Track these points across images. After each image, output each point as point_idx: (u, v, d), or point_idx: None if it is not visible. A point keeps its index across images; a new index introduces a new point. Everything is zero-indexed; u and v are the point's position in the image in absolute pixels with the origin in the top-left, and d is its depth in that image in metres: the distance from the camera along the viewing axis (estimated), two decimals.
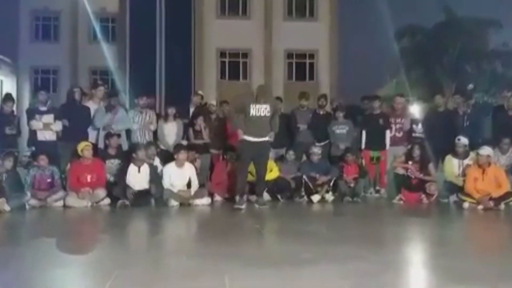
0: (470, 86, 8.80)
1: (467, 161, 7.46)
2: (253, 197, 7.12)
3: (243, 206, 6.64)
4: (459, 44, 25.77)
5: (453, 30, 25.50)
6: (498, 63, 26.59)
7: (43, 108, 7.74)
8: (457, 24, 25.59)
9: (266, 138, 6.79)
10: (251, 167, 7.01)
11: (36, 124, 7.64)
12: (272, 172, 7.53)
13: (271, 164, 7.40)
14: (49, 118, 7.66)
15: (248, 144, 6.76)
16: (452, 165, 7.56)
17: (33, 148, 7.59)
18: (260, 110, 6.75)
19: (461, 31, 25.36)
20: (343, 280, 3.26)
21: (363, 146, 8.42)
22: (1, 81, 21.17)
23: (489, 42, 26.32)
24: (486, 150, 7.01)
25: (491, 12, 25.02)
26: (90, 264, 3.83)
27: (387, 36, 24.84)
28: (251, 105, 6.76)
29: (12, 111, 7.97)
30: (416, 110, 9.32)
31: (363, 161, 8.36)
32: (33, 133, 7.73)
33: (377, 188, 8.39)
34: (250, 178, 7.13)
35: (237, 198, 6.78)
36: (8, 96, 8.33)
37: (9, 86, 24.41)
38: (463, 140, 7.49)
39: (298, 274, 3.40)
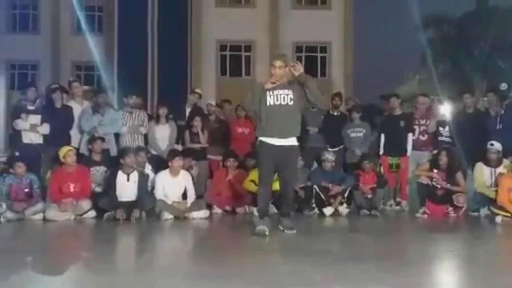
0: (504, 85, 8.72)
1: (500, 170, 7.45)
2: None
3: (267, 231, 5.60)
4: (491, 36, 25.75)
5: (484, 20, 25.49)
6: None
7: (31, 107, 7.73)
8: (489, 13, 25.58)
9: (294, 141, 5.82)
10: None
11: (23, 124, 7.63)
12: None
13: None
14: (36, 118, 7.67)
15: (268, 149, 5.72)
16: (483, 174, 7.55)
17: (17, 153, 7.57)
18: (279, 97, 5.67)
19: (493, 21, 25.36)
20: None
21: (381, 151, 8.41)
22: None
23: None
24: None
25: None
26: (71, 286, 3.83)
27: (409, 27, 24.87)
28: (268, 92, 5.68)
29: None
30: (442, 110, 9.30)
31: (382, 169, 8.36)
32: (17, 134, 7.71)
33: (398, 200, 8.37)
34: (275, 186, 6.49)
35: (256, 220, 5.88)
36: None
37: None
38: (496, 146, 7.48)
39: None
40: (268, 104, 5.68)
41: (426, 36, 25.65)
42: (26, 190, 7.16)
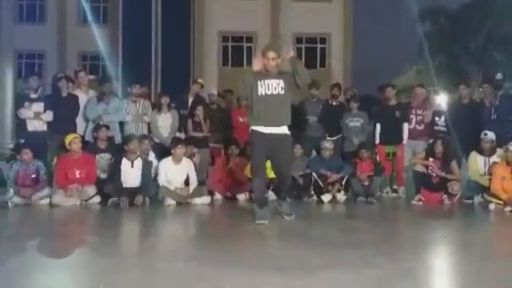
0: (499, 75, 8.67)
1: (493, 158, 7.44)
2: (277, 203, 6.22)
3: (267, 221, 5.60)
4: (486, 28, 25.63)
5: (480, 12, 25.36)
6: None
7: (34, 96, 7.69)
8: (485, 5, 25.43)
9: (285, 130, 5.71)
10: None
11: (26, 112, 7.61)
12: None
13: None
14: (39, 106, 7.64)
15: (260, 137, 5.64)
16: (477, 163, 7.54)
17: (22, 140, 7.55)
18: (271, 86, 5.60)
19: (489, 13, 25.21)
20: None
21: (377, 140, 8.41)
22: None
23: None
24: None
25: None
26: (77, 270, 3.84)
27: (407, 19, 24.75)
28: (258, 82, 5.60)
29: None
30: (438, 101, 9.28)
31: (378, 157, 8.36)
32: (22, 122, 7.68)
33: (394, 187, 8.38)
34: (272, 174, 6.48)
35: (256, 209, 5.75)
36: None
37: None
38: (490, 135, 7.45)
39: (306, 282, 3.40)
40: (259, 93, 5.61)
41: (423, 29, 25.54)
42: (33, 176, 7.16)
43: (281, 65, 5.72)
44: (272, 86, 5.60)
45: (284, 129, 5.73)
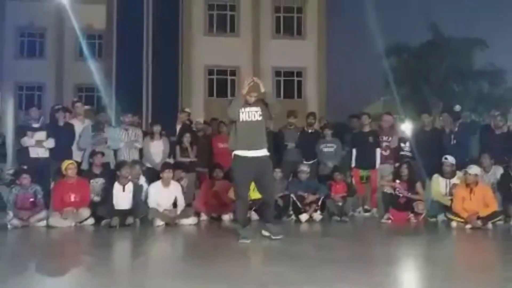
0: (457, 107, 8.87)
1: (454, 180, 7.52)
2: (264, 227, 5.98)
3: (249, 240, 5.55)
4: (445, 63, 26.18)
5: (439, 49, 25.92)
6: (485, 83, 27.01)
7: (36, 125, 7.65)
8: (443, 43, 26.03)
9: (265, 152, 5.73)
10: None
11: (28, 140, 7.55)
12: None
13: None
14: (41, 135, 7.58)
15: (243, 161, 5.63)
16: (439, 185, 7.60)
17: (25, 167, 7.45)
18: (251, 114, 5.70)
19: (447, 50, 25.79)
20: None
21: (353, 164, 8.45)
22: None
23: (475, 62, 26.77)
24: (474, 169, 7.06)
25: (477, 32, 25.54)
26: (73, 287, 3.76)
27: (374, 55, 25.21)
28: (240, 110, 5.70)
29: None
30: (404, 128, 9.39)
31: (353, 180, 8.40)
32: (24, 150, 7.62)
33: (366, 207, 8.40)
34: (255, 195, 6.49)
35: (239, 230, 5.71)
36: None
37: None
38: (450, 159, 7.55)
39: None
40: (241, 120, 5.68)
41: (389, 63, 25.98)
42: (31, 199, 7.04)
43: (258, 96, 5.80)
44: (252, 114, 5.70)
45: (264, 152, 5.75)
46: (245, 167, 5.62)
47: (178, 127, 9.00)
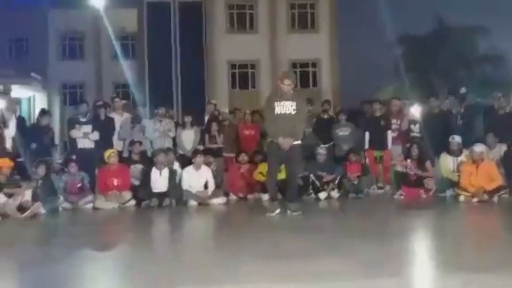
0: (463, 89, 8.67)
1: (461, 158, 7.40)
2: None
3: (275, 213, 5.73)
4: (450, 51, 25.60)
5: (444, 38, 25.37)
6: (488, 67, 26.37)
7: (83, 119, 7.79)
8: (447, 32, 25.47)
9: (295, 141, 5.81)
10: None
11: (77, 133, 7.70)
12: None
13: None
14: (88, 128, 7.72)
15: (276, 147, 5.78)
16: (447, 162, 7.50)
17: (74, 156, 7.60)
18: (285, 107, 5.77)
19: (451, 39, 25.22)
20: (348, 270, 3.25)
21: (366, 146, 8.38)
22: (34, 96, 21.34)
23: (478, 48, 26.11)
24: (479, 147, 6.95)
25: (479, 19, 24.86)
26: (119, 260, 3.86)
27: (383, 45, 24.78)
28: (276, 102, 5.79)
29: (48, 124, 8.07)
30: (414, 111, 9.25)
31: (367, 160, 8.33)
32: (73, 141, 7.78)
33: (379, 185, 8.34)
34: (280, 176, 6.53)
35: (268, 203, 5.99)
36: (45, 111, 8.47)
37: (40, 101, 24.63)
38: (457, 139, 7.43)
39: (306, 266, 3.39)
40: (276, 112, 5.79)
41: (398, 52, 25.56)
42: (79, 185, 7.19)
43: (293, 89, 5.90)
44: (286, 107, 5.78)
45: (295, 140, 5.82)
46: (277, 152, 5.79)
47: (206, 117, 9.04)
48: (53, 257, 3.96)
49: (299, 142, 5.90)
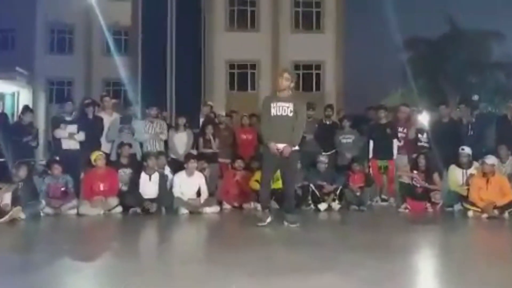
0: (475, 96, 8.73)
1: (471, 171, 7.40)
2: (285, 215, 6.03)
3: (266, 222, 5.75)
4: (462, 55, 25.70)
5: (456, 42, 25.47)
6: (501, 74, 26.47)
7: (69, 118, 7.76)
8: (460, 36, 25.57)
9: (294, 147, 5.81)
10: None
11: (61, 133, 7.67)
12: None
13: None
14: (73, 128, 7.70)
15: (270, 151, 5.76)
16: (456, 175, 7.50)
17: (57, 157, 7.58)
18: (281, 108, 5.71)
19: (464, 43, 25.33)
20: None
21: (370, 155, 8.37)
22: (18, 92, 21.35)
23: (492, 54, 26.22)
24: (491, 159, 6.95)
25: (493, 24, 24.97)
26: (103, 271, 3.83)
27: (392, 48, 24.85)
28: (272, 104, 5.72)
29: (31, 122, 8.03)
30: (421, 119, 9.26)
31: (371, 170, 8.33)
32: (57, 141, 7.74)
33: (383, 197, 8.33)
34: (277, 185, 6.65)
35: (260, 212, 5.94)
36: (27, 108, 8.41)
37: (25, 97, 24.62)
38: (467, 150, 7.43)
39: (302, 282, 3.38)
40: (272, 114, 5.73)
41: (406, 56, 25.64)
42: (62, 188, 7.15)
43: (293, 90, 5.89)
44: (283, 108, 5.72)
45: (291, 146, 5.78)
46: (271, 157, 5.75)
47: (201, 120, 9.04)
48: (32, 265, 3.94)
49: (296, 148, 5.88)
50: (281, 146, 5.75)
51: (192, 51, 22.15)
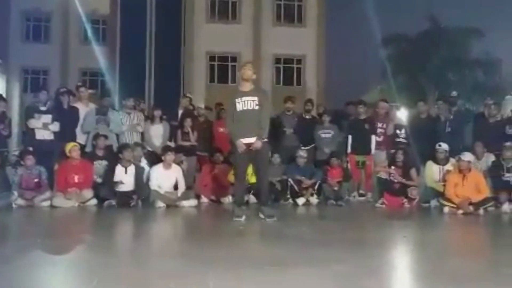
0: (454, 93, 8.83)
1: (447, 167, 7.51)
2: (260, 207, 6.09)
3: (243, 218, 5.76)
4: (442, 52, 26.07)
5: (436, 39, 25.80)
6: (480, 72, 26.94)
7: (43, 108, 7.61)
8: (440, 32, 25.91)
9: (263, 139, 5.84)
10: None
11: (35, 122, 7.52)
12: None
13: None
14: (47, 118, 7.55)
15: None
16: (433, 171, 7.60)
17: (30, 148, 7.43)
18: (247, 103, 5.78)
19: (444, 40, 25.68)
20: (324, 283, 3.25)
21: (349, 150, 8.43)
22: None
23: (471, 51, 26.65)
24: (467, 156, 7.05)
25: (473, 22, 25.37)
26: (75, 265, 3.77)
27: (372, 43, 25.09)
28: (236, 99, 5.78)
29: (4, 112, 7.85)
30: (399, 115, 9.36)
31: (349, 165, 8.39)
32: (31, 131, 7.59)
33: (361, 192, 8.41)
34: (253, 180, 6.70)
35: (236, 209, 5.91)
36: (0, 97, 8.21)
37: None
38: (444, 146, 7.54)
39: (280, 277, 3.38)
40: (238, 109, 5.79)
41: (386, 52, 25.88)
42: (36, 180, 7.04)
43: (255, 83, 5.95)
44: (248, 103, 5.78)
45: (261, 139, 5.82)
46: (244, 152, 5.77)
47: (180, 112, 8.97)
48: (2, 258, 3.85)
49: (265, 140, 5.91)
50: (251, 140, 5.77)
51: (172, 42, 21.96)
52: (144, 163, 7.57)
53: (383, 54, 24.73)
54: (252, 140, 5.78)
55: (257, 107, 5.80)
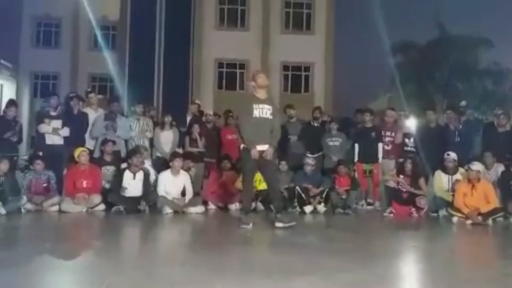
0: (463, 102, 8.80)
1: (456, 176, 7.47)
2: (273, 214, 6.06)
3: (250, 226, 5.73)
4: (451, 61, 26.00)
5: (445, 47, 25.74)
6: (489, 81, 26.84)
7: (54, 113, 7.67)
8: (449, 41, 25.86)
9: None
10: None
11: (45, 127, 7.58)
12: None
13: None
14: (57, 123, 7.61)
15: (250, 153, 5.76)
16: (441, 180, 7.56)
17: (40, 153, 7.48)
18: (263, 111, 5.80)
19: (453, 49, 25.62)
20: None
21: (356, 159, 8.42)
22: (1, 85, 21.09)
23: (480, 60, 26.58)
24: (477, 166, 7.01)
25: (483, 31, 25.32)
26: (83, 270, 3.79)
27: (381, 52, 25.07)
28: (254, 105, 5.78)
29: (15, 117, 7.91)
30: (408, 124, 9.32)
31: (356, 174, 8.36)
32: (41, 136, 7.64)
33: (369, 200, 8.38)
34: (262, 186, 6.75)
35: (243, 216, 5.88)
36: (11, 102, 8.29)
37: (9, 90, 24.32)
38: (452, 155, 7.50)
39: (286, 285, 3.38)
40: (254, 115, 5.80)
41: (395, 60, 25.86)
42: (44, 184, 7.08)
43: (270, 93, 6.05)
44: (264, 111, 5.83)
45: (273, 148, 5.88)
46: (252, 159, 5.76)
47: (188, 118, 9.00)
48: (11, 262, 3.88)
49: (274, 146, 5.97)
50: (263, 148, 5.80)
51: (181, 48, 22.07)
52: (147, 164, 7.59)
53: (391, 62, 24.69)
54: (264, 147, 5.80)
55: (270, 117, 5.86)
